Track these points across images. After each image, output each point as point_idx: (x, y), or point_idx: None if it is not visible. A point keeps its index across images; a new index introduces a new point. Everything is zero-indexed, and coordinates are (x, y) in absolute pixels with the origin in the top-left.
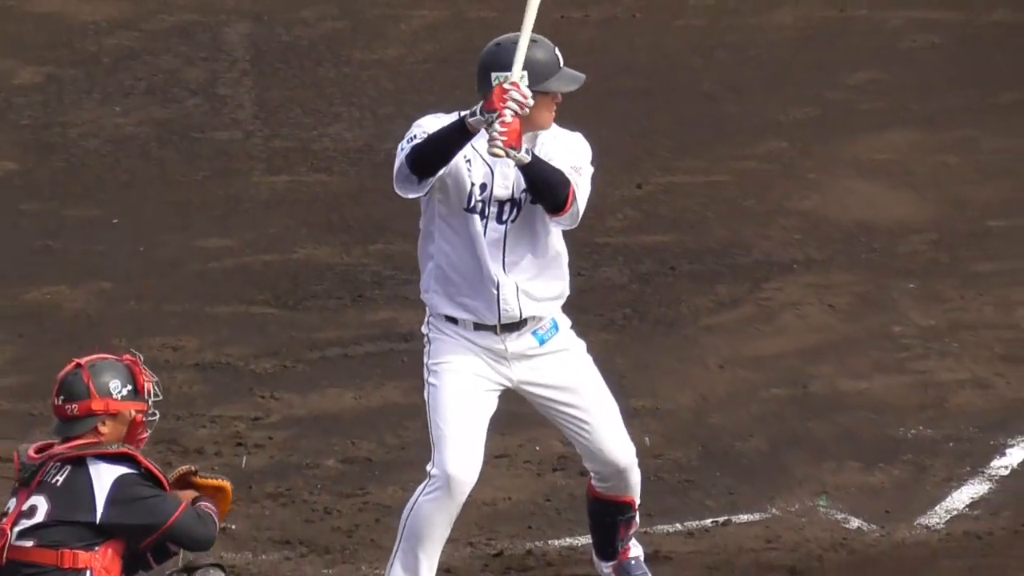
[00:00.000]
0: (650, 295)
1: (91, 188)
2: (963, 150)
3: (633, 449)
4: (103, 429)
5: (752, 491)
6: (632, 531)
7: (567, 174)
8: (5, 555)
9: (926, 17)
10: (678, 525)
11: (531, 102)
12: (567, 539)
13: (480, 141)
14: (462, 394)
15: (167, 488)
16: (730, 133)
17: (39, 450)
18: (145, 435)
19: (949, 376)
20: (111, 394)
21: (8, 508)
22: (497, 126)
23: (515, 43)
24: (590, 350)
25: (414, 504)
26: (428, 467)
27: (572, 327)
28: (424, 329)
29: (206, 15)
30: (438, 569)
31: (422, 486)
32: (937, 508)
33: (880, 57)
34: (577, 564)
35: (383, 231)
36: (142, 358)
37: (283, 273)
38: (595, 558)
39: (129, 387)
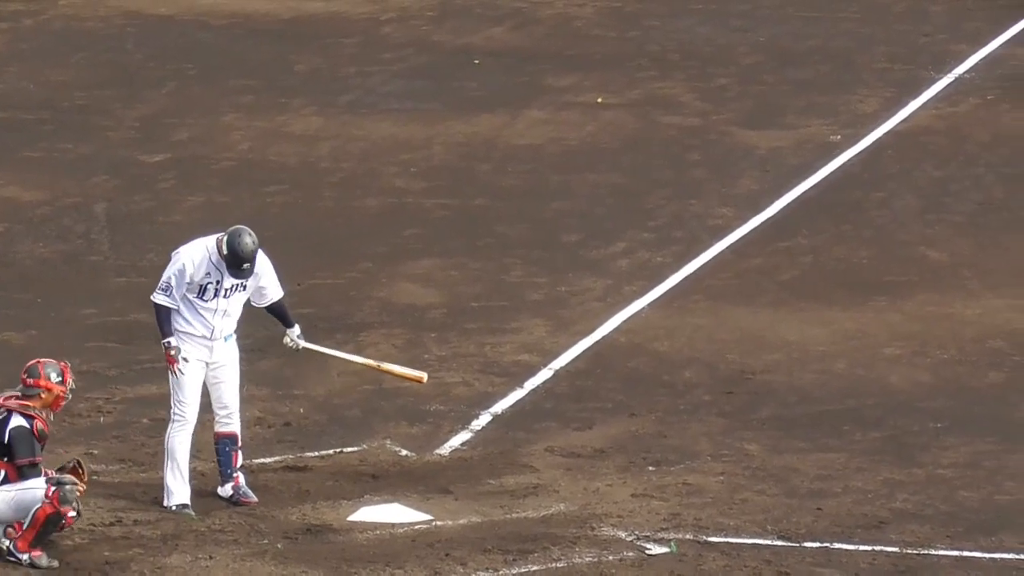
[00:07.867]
0: (307, 337)
1: (31, 280)
2: (457, 268)
3: (239, 401)
4: (42, 395)
5: (352, 436)
6: (239, 462)
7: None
8: None
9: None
10: (314, 453)
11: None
12: (265, 458)
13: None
14: (192, 376)
15: (37, 435)
16: (342, 258)
17: (4, 399)
18: (62, 404)
19: (451, 379)
20: (51, 379)
21: None
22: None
23: (239, 250)
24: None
25: (168, 435)
26: (172, 412)
27: (238, 340)
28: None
29: (85, 199)
30: (192, 471)
31: (170, 425)
32: (445, 445)
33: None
34: (268, 472)
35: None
36: (70, 366)
37: (123, 324)
38: (220, 489)
39: (59, 378)
